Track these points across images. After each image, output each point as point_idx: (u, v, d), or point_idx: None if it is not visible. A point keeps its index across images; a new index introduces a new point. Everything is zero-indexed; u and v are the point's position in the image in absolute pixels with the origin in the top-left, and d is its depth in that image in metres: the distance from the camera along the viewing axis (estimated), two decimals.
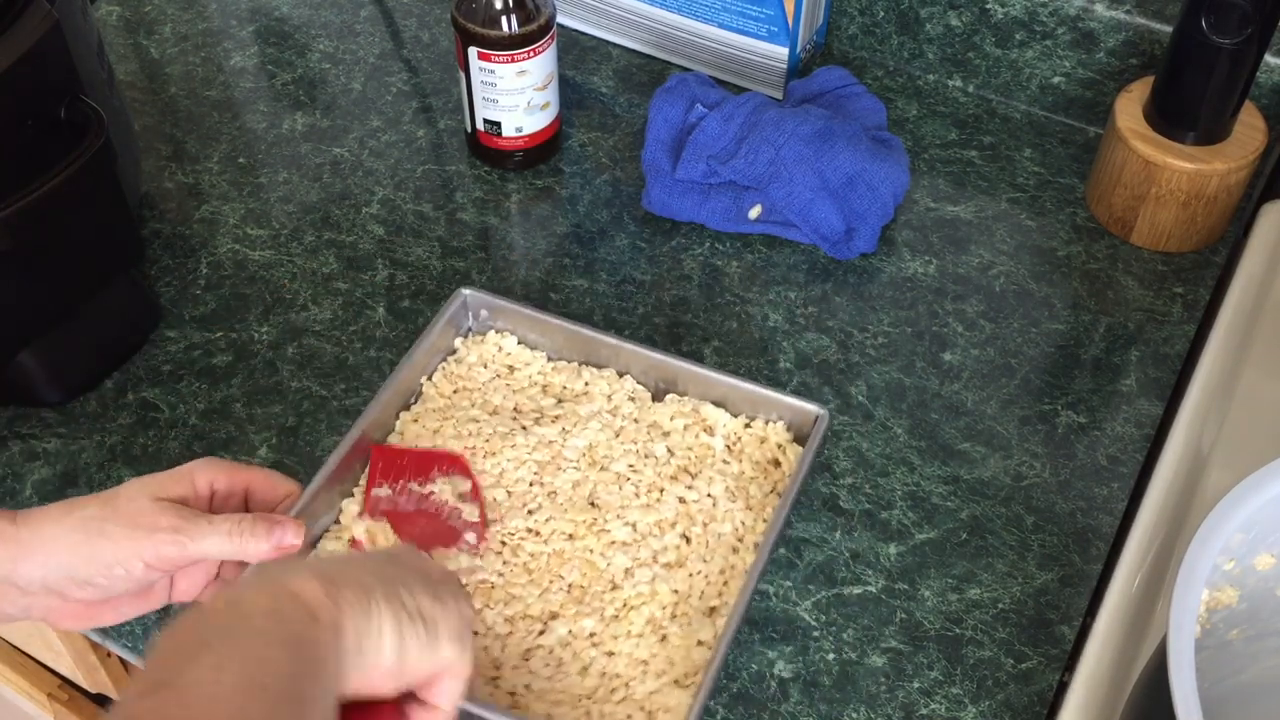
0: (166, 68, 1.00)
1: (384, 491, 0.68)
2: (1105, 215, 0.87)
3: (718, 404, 0.73)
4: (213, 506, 0.62)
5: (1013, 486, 0.73)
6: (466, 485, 0.69)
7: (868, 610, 0.68)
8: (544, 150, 0.92)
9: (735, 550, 0.67)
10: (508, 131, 0.89)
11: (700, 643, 0.63)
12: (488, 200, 0.90)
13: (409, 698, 0.53)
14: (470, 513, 0.68)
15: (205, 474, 0.61)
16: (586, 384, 0.74)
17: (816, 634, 0.67)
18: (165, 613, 0.68)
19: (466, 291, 0.76)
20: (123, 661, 0.96)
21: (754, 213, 0.85)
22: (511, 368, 0.76)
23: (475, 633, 0.63)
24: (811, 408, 0.70)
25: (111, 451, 0.75)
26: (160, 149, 0.94)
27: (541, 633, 0.64)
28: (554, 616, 0.64)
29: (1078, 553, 0.71)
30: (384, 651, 0.50)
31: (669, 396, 0.73)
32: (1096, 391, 0.78)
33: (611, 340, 0.74)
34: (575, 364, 0.75)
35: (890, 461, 0.74)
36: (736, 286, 0.84)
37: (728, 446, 0.71)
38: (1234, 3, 0.75)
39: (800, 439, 0.71)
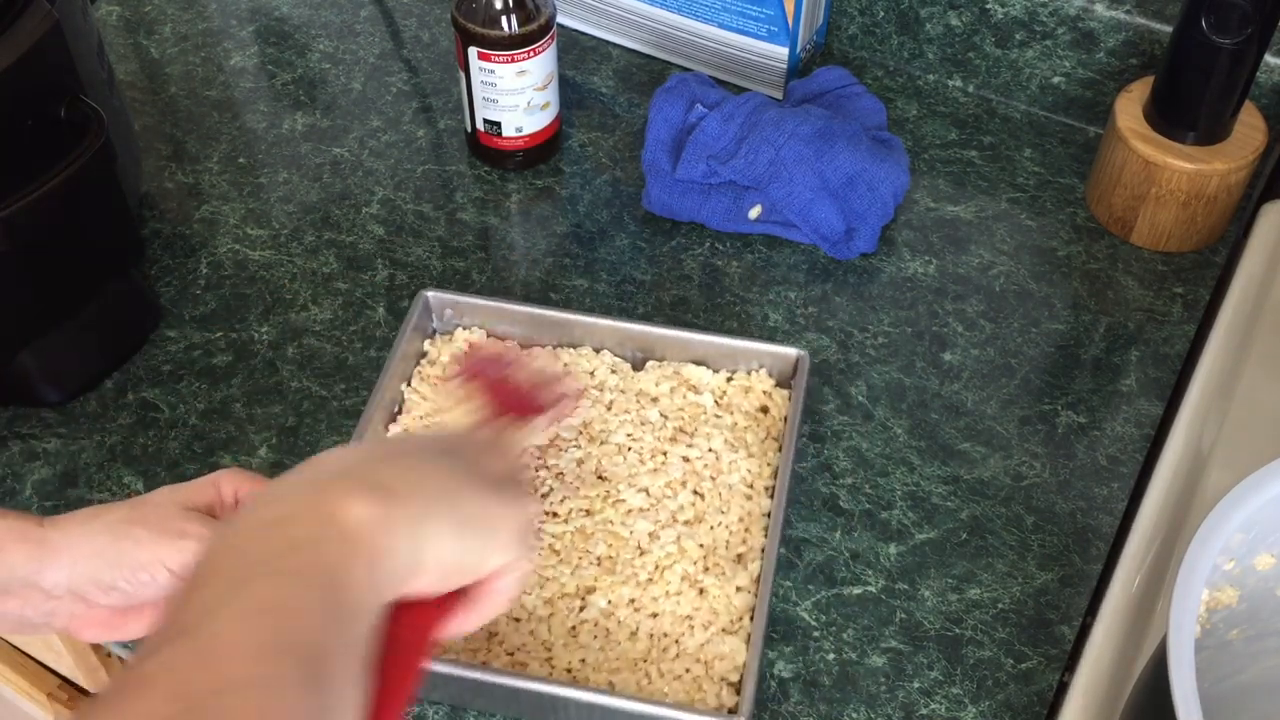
0: (166, 68, 1.00)
1: (483, 354, 0.69)
2: (1105, 215, 0.87)
3: (698, 363, 0.75)
4: None
5: (1013, 486, 0.73)
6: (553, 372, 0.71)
7: (868, 610, 0.68)
8: (544, 150, 0.92)
9: (749, 497, 0.69)
10: (508, 131, 0.89)
11: (739, 589, 0.65)
12: (488, 200, 0.90)
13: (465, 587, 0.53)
14: (566, 384, 0.67)
15: (230, 483, 0.60)
16: (565, 365, 0.75)
17: (816, 634, 0.67)
18: None
19: (428, 293, 0.76)
20: (123, 662, 0.96)
21: (754, 213, 0.85)
22: None
23: (517, 619, 0.64)
24: (791, 351, 0.73)
25: (111, 451, 0.75)
26: (160, 149, 0.94)
27: (582, 608, 0.65)
28: (590, 590, 0.65)
29: (1078, 553, 0.71)
30: (443, 559, 0.49)
31: (649, 364, 0.75)
32: (1096, 391, 0.78)
33: (580, 318, 0.75)
34: (549, 347, 0.76)
35: (890, 461, 0.74)
36: (736, 286, 0.84)
37: (716, 401, 0.73)
38: (1234, 3, 0.75)
39: (783, 383, 0.74)
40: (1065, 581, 0.69)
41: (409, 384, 0.74)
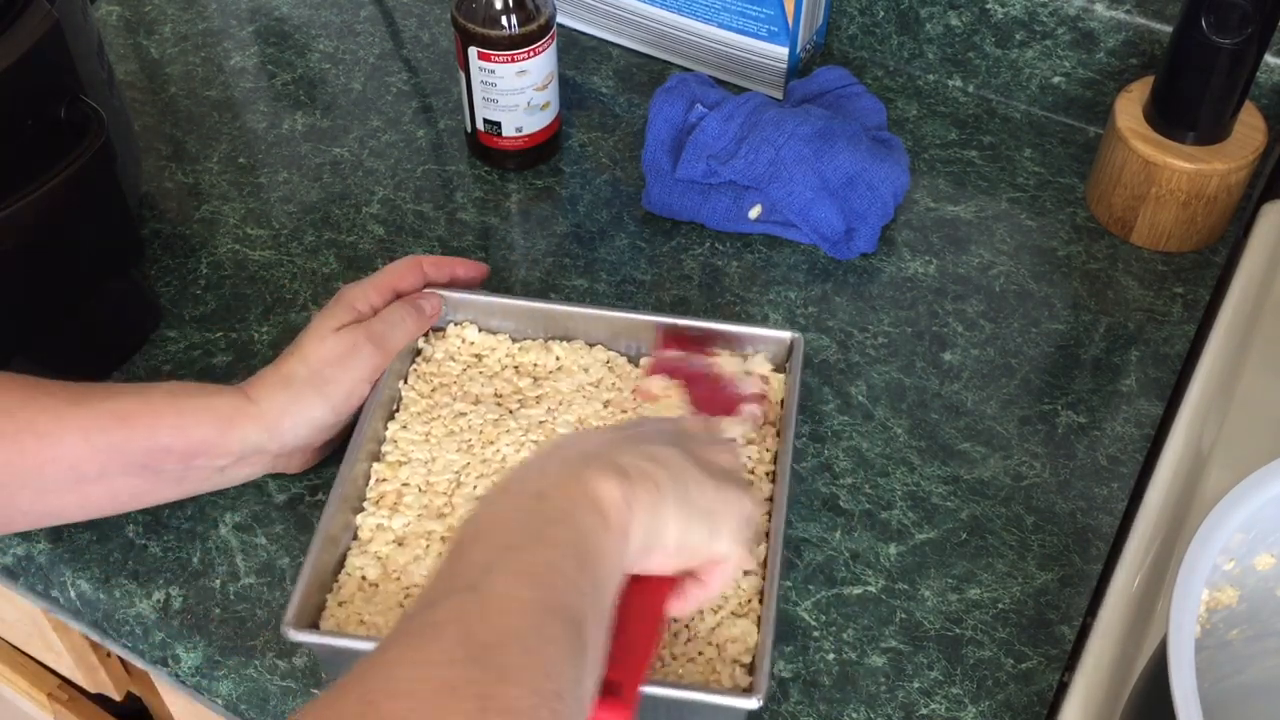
0: (166, 68, 1.00)
1: (673, 353, 0.72)
2: (1105, 215, 0.87)
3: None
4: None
5: (1013, 486, 0.73)
6: (750, 363, 0.73)
7: (868, 610, 0.68)
8: (544, 150, 0.92)
9: (751, 483, 0.69)
10: (508, 131, 0.89)
11: (746, 572, 0.65)
12: (488, 200, 0.90)
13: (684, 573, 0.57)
14: (753, 384, 0.71)
15: (353, 297, 0.70)
16: (559, 359, 0.75)
17: (816, 634, 0.67)
18: (165, 612, 0.68)
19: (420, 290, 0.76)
20: (123, 662, 0.96)
21: (754, 213, 0.85)
22: (479, 356, 0.76)
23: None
24: (785, 334, 0.74)
25: None
26: (160, 149, 0.94)
27: None
28: None
29: (1078, 553, 0.71)
30: (668, 546, 0.54)
31: (644, 360, 0.75)
32: (1096, 391, 0.78)
33: (572, 309, 0.75)
34: (541, 340, 0.76)
35: (890, 461, 0.74)
36: (736, 286, 0.84)
37: None
38: (1234, 2, 0.75)
39: (780, 368, 0.74)
40: (1065, 581, 0.69)
41: (405, 381, 0.74)
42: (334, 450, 0.72)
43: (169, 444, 0.63)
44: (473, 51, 0.85)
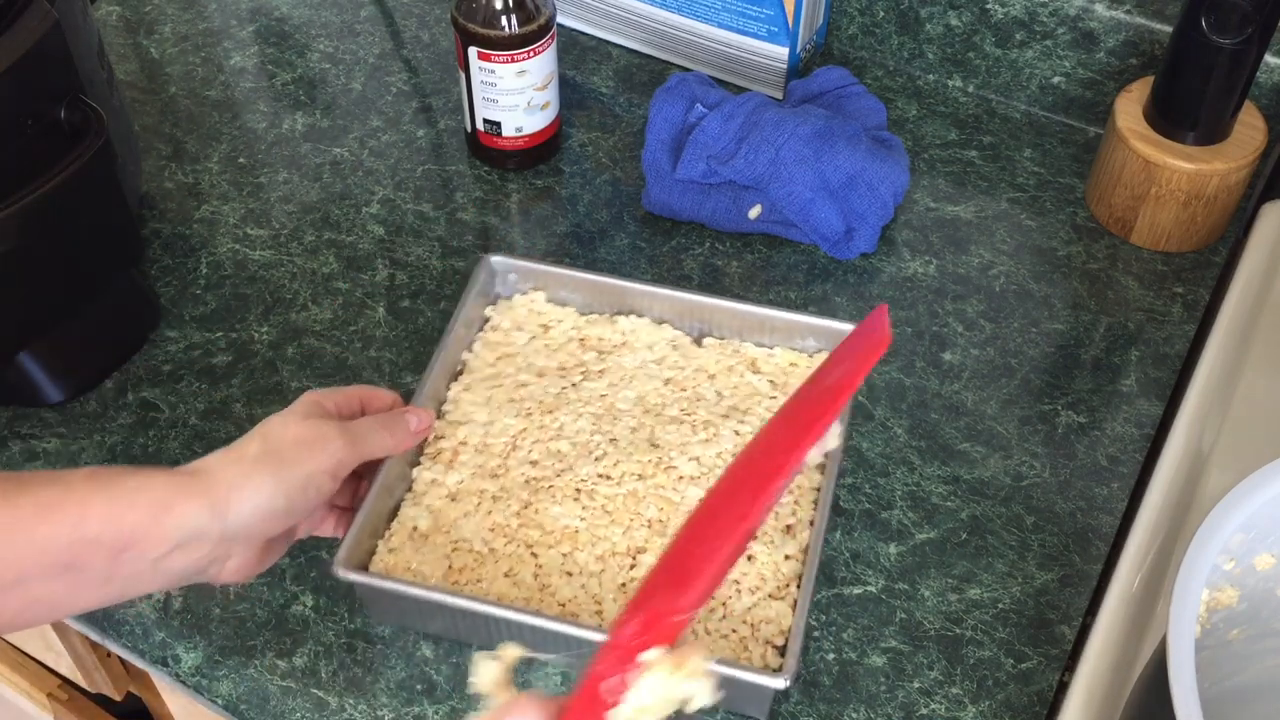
0: (166, 67, 1.00)
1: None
2: (1105, 215, 0.87)
3: (756, 335, 0.76)
4: None
5: (1013, 486, 0.73)
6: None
7: (868, 610, 0.68)
8: (544, 150, 0.92)
9: (800, 472, 0.69)
10: (508, 131, 0.89)
11: (787, 557, 0.66)
12: (488, 200, 0.90)
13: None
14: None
15: (320, 397, 0.64)
16: (624, 334, 0.76)
17: (816, 634, 0.67)
18: (165, 612, 0.68)
19: (492, 258, 0.77)
20: (122, 662, 0.96)
21: (754, 213, 0.85)
22: (545, 326, 0.77)
23: (569, 573, 0.66)
24: (846, 326, 0.73)
25: (111, 451, 0.75)
26: (160, 149, 0.94)
27: (633, 566, 0.66)
28: (641, 551, 0.67)
29: (1078, 552, 0.71)
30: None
31: (708, 341, 0.76)
32: (1096, 391, 0.78)
33: (641, 286, 0.76)
34: (607, 315, 0.77)
35: (890, 461, 0.74)
36: (736, 286, 0.84)
37: (771, 382, 0.74)
38: (1234, 2, 0.75)
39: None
40: (1065, 581, 0.69)
41: (470, 349, 0.76)
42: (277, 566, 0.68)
43: (98, 534, 0.54)
44: (473, 51, 0.85)
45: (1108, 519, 0.72)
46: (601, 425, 0.71)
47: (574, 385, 0.74)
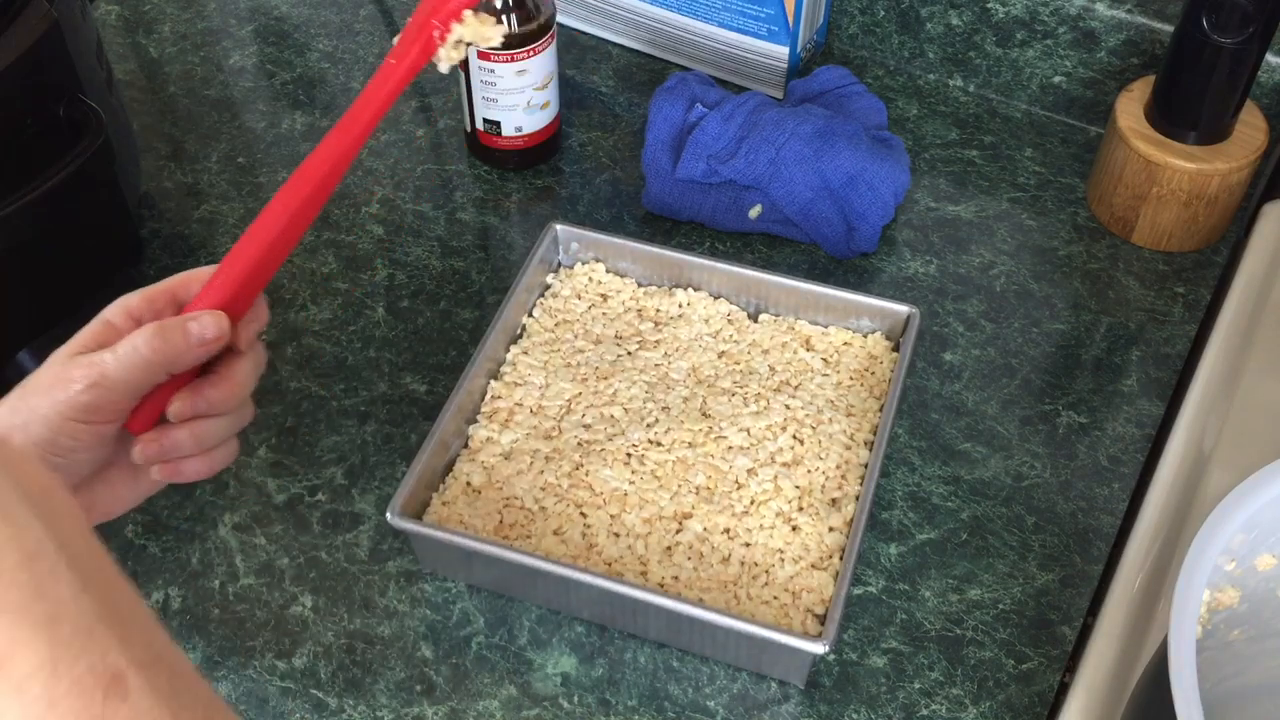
0: (165, 67, 1.00)
1: None
2: (1106, 215, 0.87)
3: (811, 313, 0.77)
4: None
5: (1013, 487, 0.73)
6: None
7: (868, 610, 0.68)
8: (544, 150, 0.92)
9: (848, 448, 0.71)
10: (507, 131, 0.89)
11: (831, 529, 0.67)
12: (487, 200, 0.90)
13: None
14: None
15: (118, 311, 0.55)
16: (681, 306, 0.78)
17: None
18: (164, 612, 0.68)
19: (557, 226, 0.79)
20: None
21: (754, 212, 0.85)
22: (604, 296, 0.79)
23: (616, 534, 0.67)
24: (902, 308, 0.75)
25: None
26: (159, 149, 0.94)
27: (679, 530, 0.67)
28: (688, 516, 0.68)
29: (1079, 553, 0.70)
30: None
31: (763, 317, 0.78)
32: (1097, 391, 0.78)
33: (700, 260, 0.78)
34: (666, 287, 0.79)
35: (890, 461, 0.74)
36: None
37: (824, 360, 0.75)
38: (1235, 2, 0.75)
39: (891, 338, 0.77)
40: (1066, 582, 0.69)
41: (530, 315, 0.78)
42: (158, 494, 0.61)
43: None
44: (472, 51, 0.85)
45: (1109, 519, 0.72)
46: (655, 393, 0.73)
47: (630, 354, 0.76)
